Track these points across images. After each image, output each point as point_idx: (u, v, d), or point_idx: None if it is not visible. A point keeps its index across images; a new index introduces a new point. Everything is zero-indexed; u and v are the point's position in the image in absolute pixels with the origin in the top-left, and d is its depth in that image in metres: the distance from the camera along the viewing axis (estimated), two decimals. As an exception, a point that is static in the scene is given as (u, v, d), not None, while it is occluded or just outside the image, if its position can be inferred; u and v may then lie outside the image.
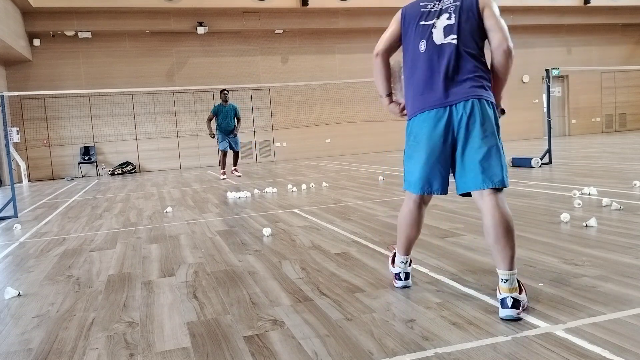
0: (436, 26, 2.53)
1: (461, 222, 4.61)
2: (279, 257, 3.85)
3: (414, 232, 2.76)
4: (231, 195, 7.73)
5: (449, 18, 2.51)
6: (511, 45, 2.50)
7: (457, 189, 2.59)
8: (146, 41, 16.04)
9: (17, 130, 14.81)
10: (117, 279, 3.57)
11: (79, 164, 15.67)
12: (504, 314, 2.33)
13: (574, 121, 20.62)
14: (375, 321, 2.43)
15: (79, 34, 15.21)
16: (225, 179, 10.98)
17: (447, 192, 2.60)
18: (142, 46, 16.03)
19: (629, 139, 15.56)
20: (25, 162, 14.70)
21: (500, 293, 2.38)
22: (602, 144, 13.94)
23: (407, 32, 2.63)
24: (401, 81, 2.79)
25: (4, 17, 12.03)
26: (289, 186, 8.24)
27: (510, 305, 2.31)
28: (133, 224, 5.93)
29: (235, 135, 11.16)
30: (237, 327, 2.49)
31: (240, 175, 11.56)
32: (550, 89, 10.10)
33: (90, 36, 15.42)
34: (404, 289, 2.88)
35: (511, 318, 2.31)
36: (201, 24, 15.66)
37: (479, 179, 2.42)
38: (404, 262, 2.88)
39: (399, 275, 2.89)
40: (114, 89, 14.30)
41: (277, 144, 17.48)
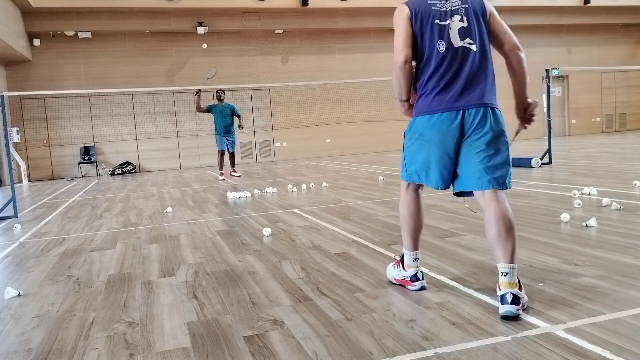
0: (451, 27, 2.54)
1: (461, 222, 4.61)
2: (279, 257, 3.85)
3: (421, 221, 2.80)
4: (231, 195, 7.73)
5: (461, 20, 2.55)
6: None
7: (454, 187, 2.64)
8: (146, 41, 16.04)
9: (17, 130, 14.81)
10: (117, 279, 3.57)
11: (79, 164, 15.67)
12: (503, 310, 2.33)
13: (574, 121, 20.62)
14: (375, 321, 2.43)
15: (79, 34, 15.21)
16: (223, 179, 10.97)
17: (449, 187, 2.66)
18: (142, 46, 16.03)
19: (629, 139, 15.56)
20: (25, 162, 14.70)
21: (500, 289, 2.39)
22: (602, 144, 13.94)
23: (423, 31, 2.56)
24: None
25: (4, 17, 12.04)
26: (289, 186, 8.24)
27: (510, 301, 2.32)
28: (133, 224, 5.93)
29: (242, 127, 11.17)
30: (237, 327, 2.49)
31: (240, 175, 11.56)
32: (550, 89, 10.10)
33: (90, 36, 15.42)
34: (419, 291, 2.78)
35: (511, 314, 2.30)
36: (201, 24, 15.67)
37: (484, 179, 2.49)
38: (415, 259, 2.82)
39: (415, 276, 2.80)
40: (114, 89, 14.31)
41: (277, 144, 17.48)
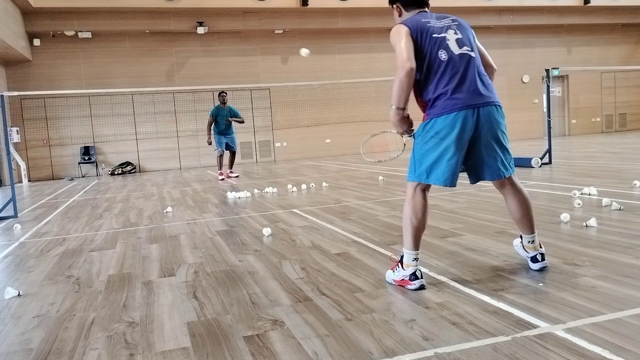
0: (449, 39, 2.83)
1: (461, 222, 4.61)
2: (279, 257, 3.85)
3: (425, 222, 2.90)
4: (231, 195, 7.73)
5: (455, 33, 2.86)
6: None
7: (473, 178, 2.94)
8: (146, 41, 16.04)
9: (17, 130, 14.81)
10: (117, 279, 3.57)
11: (79, 164, 15.67)
12: (538, 266, 2.99)
13: (574, 121, 20.61)
14: (375, 321, 2.43)
15: (79, 34, 15.21)
16: (223, 179, 10.98)
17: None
18: (142, 46, 16.03)
19: (629, 139, 15.56)
20: (25, 162, 14.70)
21: (528, 252, 3.03)
22: (602, 144, 13.94)
23: (422, 43, 2.79)
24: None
25: (4, 17, 12.03)
26: (289, 186, 8.24)
27: (540, 259, 3.00)
28: (133, 224, 5.93)
29: (242, 122, 11.23)
30: (237, 327, 2.49)
31: (238, 175, 11.55)
32: (550, 89, 10.10)
33: (90, 36, 15.42)
34: (418, 290, 2.80)
35: (544, 266, 2.99)
36: (201, 24, 15.66)
37: (503, 169, 2.88)
38: (415, 259, 2.86)
39: (414, 275, 2.83)
40: (114, 89, 14.30)
41: (277, 144, 17.48)
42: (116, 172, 15.66)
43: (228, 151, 11.37)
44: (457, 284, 2.88)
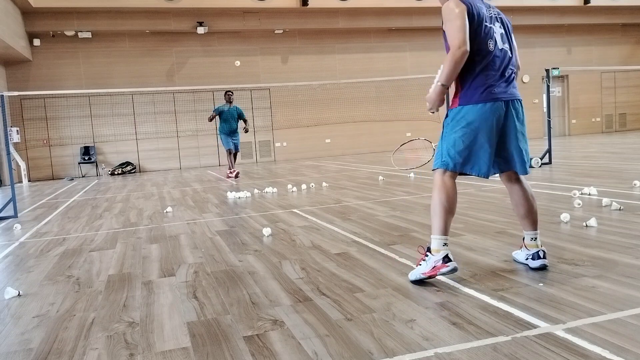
0: (496, 32, 2.91)
1: (461, 222, 4.61)
2: (279, 257, 3.85)
3: (455, 206, 2.93)
4: (231, 195, 7.73)
5: (501, 27, 2.96)
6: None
7: (499, 168, 2.99)
8: (146, 41, 16.04)
9: (17, 130, 14.81)
10: (117, 279, 3.57)
11: (79, 164, 15.67)
12: (538, 264, 2.97)
13: (574, 121, 20.62)
14: (375, 321, 2.43)
15: (79, 34, 15.21)
16: (237, 176, 11.03)
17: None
18: (142, 46, 16.03)
19: (629, 139, 15.56)
20: (25, 162, 14.70)
21: (529, 249, 3.04)
22: (602, 144, 13.94)
23: (477, 30, 2.83)
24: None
25: (4, 17, 12.03)
26: (289, 186, 8.24)
27: (542, 256, 2.99)
28: (133, 224, 5.93)
29: (247, 131, 11.34)
30: (237, 327, 2.49)
31: (238, 174, 11.57)
32: (550, 89, 10.10)
33: (90, 36, 15.42)
34: (451, 272, 2.84)
35: (545, 265, 2.98)
36: (201, 24, 15.66)
37: (524, 165, 2.98)
38: (445, 244, 2.87)
39: (447, 257, 2.83)
40: (114, 89, 14.30)
41: (277, 144, 17.48)
42: (116, 172, 15.66)
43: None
44: (457, 284, 2.87)
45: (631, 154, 10.39)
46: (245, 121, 11.30)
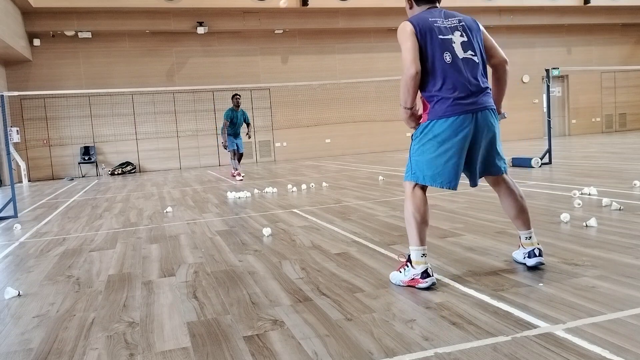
0: (454, 41, 2.84)
1: (461, 222, 4.61)
2: (279, 257, 3.85)
3: (427, 217, 2.92)
4: (231, 195, 7.73)
5: (462, 35, 2.87)
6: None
7: (473, 181, 2.99)
8: (146, 41, 16.04)
9: (17, 130, 14.81)
10: (117, 279, 3.57)
11: (79, 164, 15.67)
12: (534, 261, 2.99)
13: (574, 121, 20.61)
14: (375, 321, 2.43)
15: (79, 34, 15.21)
16: (242, 179, 10.88)
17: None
18: (142, 46, 16.03)
19: (629, 139, 15.56)
20: (25, 162, 14.70)
21: (525, 248, 3.05)
22: (602, 144, 13.94)
23: (428, 44, 2.80)
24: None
25: (4, 17, 12.03)
26: (289, 186, 8.24)
27: (538, 254, 3.00)
28: (133, 224, 5.93)
29: (250, 137, 11.36)
30: (237, 327, 2.49)
31: (243, 177, 11.57)
32: (550, 89, 10.10)
33: (90, 36, 15.42)
34: (429, 289, 2.79)
35: (540, 263, 3.00)
36: (201, 24, 15.66)
37: (501, 167, 3.00)
38: (424, 254, 2.85)
39: (425, 272, 2.81)
40: (114, 89, 14.30)
41: (277, 144, 17.48)
42: (116, 172, 15.66)
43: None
44: (457, 284, 2.88)
45: (631, 154, 10.39)
46: (248, 125, 11.21)
